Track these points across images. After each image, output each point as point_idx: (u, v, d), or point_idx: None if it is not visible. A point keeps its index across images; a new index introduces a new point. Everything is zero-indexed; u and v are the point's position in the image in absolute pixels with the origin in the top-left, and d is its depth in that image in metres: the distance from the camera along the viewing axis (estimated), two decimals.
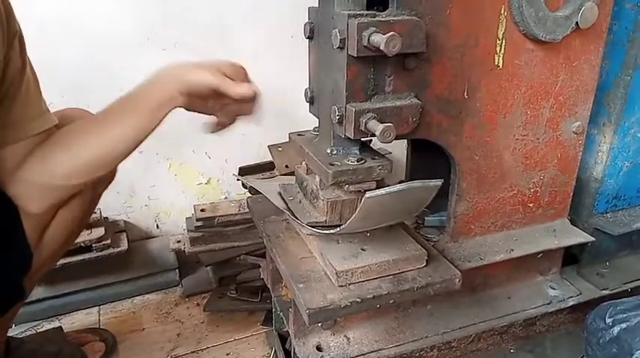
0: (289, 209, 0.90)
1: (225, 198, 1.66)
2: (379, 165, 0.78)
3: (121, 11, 1.36)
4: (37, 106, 0.79)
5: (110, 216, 1.51)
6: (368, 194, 0.62)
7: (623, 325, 0.85)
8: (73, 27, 1.31)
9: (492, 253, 0.99)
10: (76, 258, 1.28)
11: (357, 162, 0.78)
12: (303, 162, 0.90)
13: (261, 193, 1.02)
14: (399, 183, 0.74)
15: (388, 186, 0.67)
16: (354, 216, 0.70)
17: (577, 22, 0.86)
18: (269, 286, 1.08)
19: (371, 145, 0.87)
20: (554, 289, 1.10)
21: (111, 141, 0.76)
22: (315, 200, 0.86)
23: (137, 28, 1.39)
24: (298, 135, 0.94)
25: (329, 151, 0.82)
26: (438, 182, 0.66)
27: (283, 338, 1.13)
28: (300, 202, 0.92)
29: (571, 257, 1.16)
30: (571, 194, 1.05)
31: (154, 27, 1.40)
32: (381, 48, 0.65)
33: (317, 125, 0.91)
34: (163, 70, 0.74)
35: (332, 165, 0.77)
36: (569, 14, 0.85)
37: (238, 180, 1.30)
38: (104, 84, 1.38)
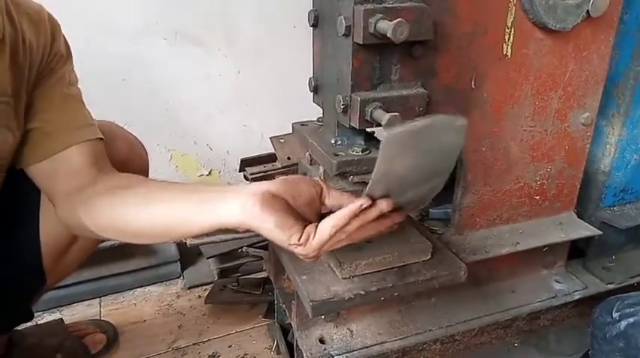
0: None
1: None
2: None
3: (121, 0, 1.34)
4: (83, 118, 0.79)
5: None
6: (387, 131, 0.54)
7: (630, 319, 0.84)
8: (73, 15, 1.29)
9: (498, 246, 0.98)
10: None
11: (362, 152, 0.76)
12: (307, 153, 0.89)
13: None
14: None
15: None
16: (376, 166, 0.58)
17: (588, 11, 0.84)
18: (271, 278, 1.07)
19: (375, 136, 0.86)
20: (559, 283, 1.09)
21: (175, 228, 0.65)
22: None
23: (138, 17, 1.37)
24: (301, 125, 0.92)
25: (333, 141, 0.81)
26: (464, 120, 0.57)
27: (285, 330, 1.13)
28: None
29: (577, 250, 1.15)
30: (578, 187, 1.04)
31: (154, 16, 1.38)
32: (388, 35, 0.64)
33: (320, 115, 0.90)
34: (248, 199, 0.58)
35: (336, 155, 0.76)
36: (580, 2, 0.83)
37: (241, 171, 1.29)
38: (104, 73, 1.37)
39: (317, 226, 0.58)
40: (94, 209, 0.70)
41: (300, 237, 0.57)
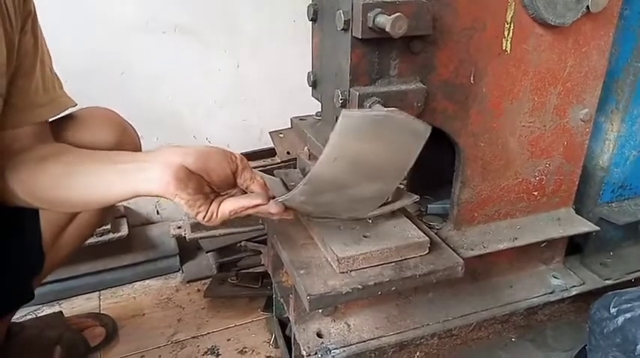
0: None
1: None
2: None
3: None
4: (49, 91, 0.77)
5: None
6: (345, 111, 0.54)
7: (628, 315, 0.84)
8: (72, 9, 1.29)
9: (496, 241, 0.98)
10: None
11: None
12: (305, 148, 0.89)
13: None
14: None
15: None
16: (328, 142, 0.56)
17: (588, 6, 0.83)
18: (270, 272, 1.07)
19: None
20: (557, 278, 1.09)
21: (97, 198, 0.70)
22: None
23: (137, 10, 1.36)
24: (300, 119, 0.92)
25: None
26: (429, 126, 0.59)
27: (284, 324, 1.13)
28: None
29: (575, 246, 1.15)
30: (576, 183, 1.04)
31: (154, 10, 1.38)
32: (387, 29, 0.64)
33: (319, 110, 0.90)
34: (168, 165, 0.63)
35: None
36: None
37: None
38: (104, 67, 1.37)
39: (220, 205, 0.66)
40: (24, 176, 0.71)
41: (204, 216, 0.65)
